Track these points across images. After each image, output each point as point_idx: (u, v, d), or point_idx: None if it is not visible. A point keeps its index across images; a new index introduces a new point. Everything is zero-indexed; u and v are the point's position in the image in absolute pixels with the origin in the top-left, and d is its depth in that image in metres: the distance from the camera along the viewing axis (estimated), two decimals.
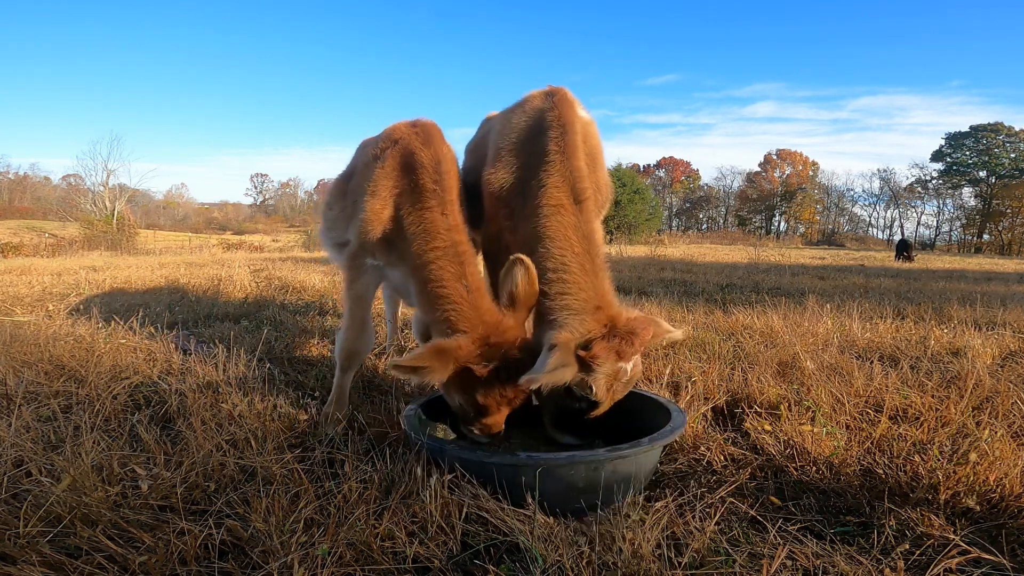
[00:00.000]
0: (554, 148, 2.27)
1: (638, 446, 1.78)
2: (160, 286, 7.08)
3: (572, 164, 2.24)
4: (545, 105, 2.43)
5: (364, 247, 2.43)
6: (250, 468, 1.92)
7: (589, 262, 2.15)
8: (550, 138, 2.30)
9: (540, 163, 2.29)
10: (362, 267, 2.50)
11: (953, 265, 17.64)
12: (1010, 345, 3.89)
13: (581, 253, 2.15)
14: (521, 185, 2.36)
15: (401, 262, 2.36)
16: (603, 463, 1.73)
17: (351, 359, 2.54)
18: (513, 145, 2.43)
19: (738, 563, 1.46)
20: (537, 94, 2.56)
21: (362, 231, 2.38)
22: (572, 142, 2.29)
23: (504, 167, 2.41)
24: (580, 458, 1.73)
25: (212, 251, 21.05)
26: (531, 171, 2.33)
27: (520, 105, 2.56)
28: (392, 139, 2.46)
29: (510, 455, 1.79)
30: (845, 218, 73.73)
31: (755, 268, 11.55)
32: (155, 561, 1.46)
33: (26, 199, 71.03)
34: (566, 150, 2.27)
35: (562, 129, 2.31)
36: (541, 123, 2.38)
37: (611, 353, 1.97)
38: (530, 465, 1.71)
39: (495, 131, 2.60)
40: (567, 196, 2.21)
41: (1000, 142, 60.88)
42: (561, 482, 1.73)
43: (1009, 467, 1.84)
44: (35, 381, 2.69)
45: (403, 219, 2.30)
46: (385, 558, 1.49)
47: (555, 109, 2.37)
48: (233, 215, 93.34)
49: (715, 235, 58.21)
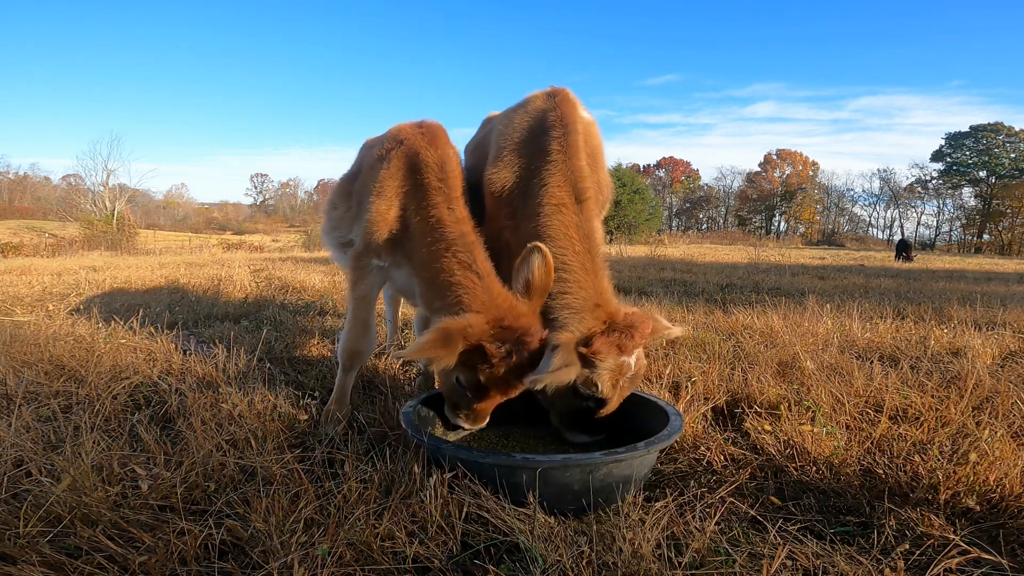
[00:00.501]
0: (556, 147, 2.29)
1: (634, 450, 1.76)
2: (160, 286, 7.08)
3: (574, 163, 2.26)
4: (547, 105, 2.44)
5: (369, 247, 2.43)
6: (250, 468, 1.92)
7: (589, 261, 2.16)
8: (552, 137, 2.31)
9: (542, 162, 2.30)
10: (367, 268, 2.50)
11: (953, 265, 17.64)
12: (1010, 345, 3.89)
13: (582, 252, 2.16)
14: (523, 184, 2.37)
15: (406, 261, 2.37)
16: (598, 466, 1.72)
17: (353, 359, 2.54)
18: (515, 145, 2.44)
19: (738, 563, 1.46)
20: (539, 94, 2.57)
21: (367, 231, 2.38)
22: (574, 142, 2.30)
23: (506, 166, 2.43)
24: (574, 461, 1.71)
25: (212, 251, 21.05)
26: (533, 170, 2.34)
27: (522, 105, 2.58)
28: (397, 140, 2.47)
29: (506, 456, 1.79)
30: (845, 218, 73.77)
31: (755, 268, 11.55)
32: (155, 561, 1.46)
33: (26, 199, 71.05)
34: (568, 149, 2.28)
35: (564, 129, 2.32)
36: (543, 123, 2.39)
37: (612, 347, 1.98)
38: (525, 467, 1.71)
39: (496, 131, 2.61)
40: (569, 195, 2.22)
41: (1000, 142, 60.87)
42: (556, 484, 1.72)
43: (1009, 467, 1.84)
44: (35, 381, 2.69)
45: (409, 218, 2.31)
46: (385, 558, 1.49)
47: (557, 109, 2.39)
48: (233, 215, 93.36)
49: (715, 235, 58.21)
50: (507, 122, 2.55)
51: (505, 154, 2.44)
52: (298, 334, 4.11)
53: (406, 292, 2.50)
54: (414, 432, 1.93)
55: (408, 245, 2.33)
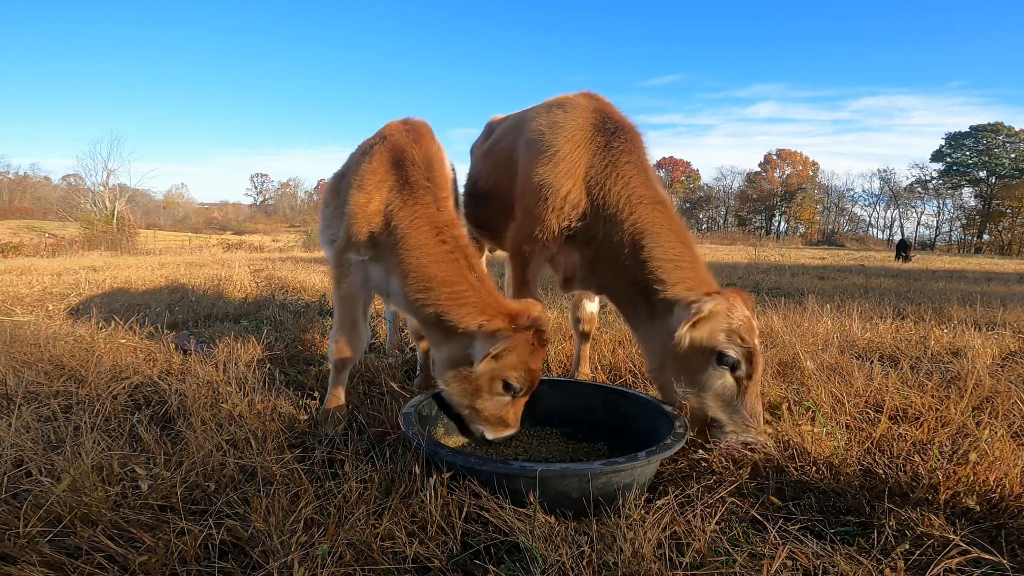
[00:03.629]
0: (626, 148, 2.39)
1: (635, 459, 1.72)
2: (160, 286, 7.08)
3: (646, 164, 2.39)
4: (596, 106, 2.56)
5: (350, 242, 2.40)
6: (250, 468, 1.92)
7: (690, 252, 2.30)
8: (620, 139, 2.41)
9: (615, 161, 2.38)
10: (348, 264, 2.45)
11: (953, 265, 17.64)
12: (1010, 345, 3.89)
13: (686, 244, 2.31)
14: (587, 187, 2.43)
15: (385, 258, 2.34)
16: (596, 476, 1.68)
17: (343, 360, 2.50)
18: (575, 144, 2.48)
19: (738, 563, 1.46)
20: (578, 97, 2.66)
21: (347, 224, 2.37)
22: (640, 144, 2.43)
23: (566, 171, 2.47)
24: (572, 471, 1.68)
25: (212, 251, 21.04)
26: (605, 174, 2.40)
27: (562, 108, 2.62)
28: (381, 135, 2.49)
29: (502, 463, 1.73)
30: (845, 218, 73.76)
31: (755, 268, 11.55)
32: (155, 561, 1.46)
33: (26, 199, 71.03)
34: (638, 151, 2.40)
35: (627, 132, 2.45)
36: (605, 123, 2.48)
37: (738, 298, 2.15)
38: (522, 475, 1.67)
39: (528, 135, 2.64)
40: (652, 194, 2.33)
41: (1000, 142, 60.88)
42: (553, 492, 1.69)
43: (1009, 467, 1.84)
44: (35, 381, 2.69)
45: (392, 214, 2.28)
46: (385, 558, 1.49)
47: (609, 112, 2.53)
48: (233, 215, 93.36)
49: (715, 235, 58.23)
50: (546, 124, 2.59)
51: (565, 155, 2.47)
52: (298, 334, 4.11)
53: (381, 290, 2.46)
54: (414, 435, 1.90)
55: (388, 241, 2.28)
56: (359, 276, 2.48)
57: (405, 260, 2.20)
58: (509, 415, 2.14)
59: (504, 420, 2.14)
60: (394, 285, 2.30)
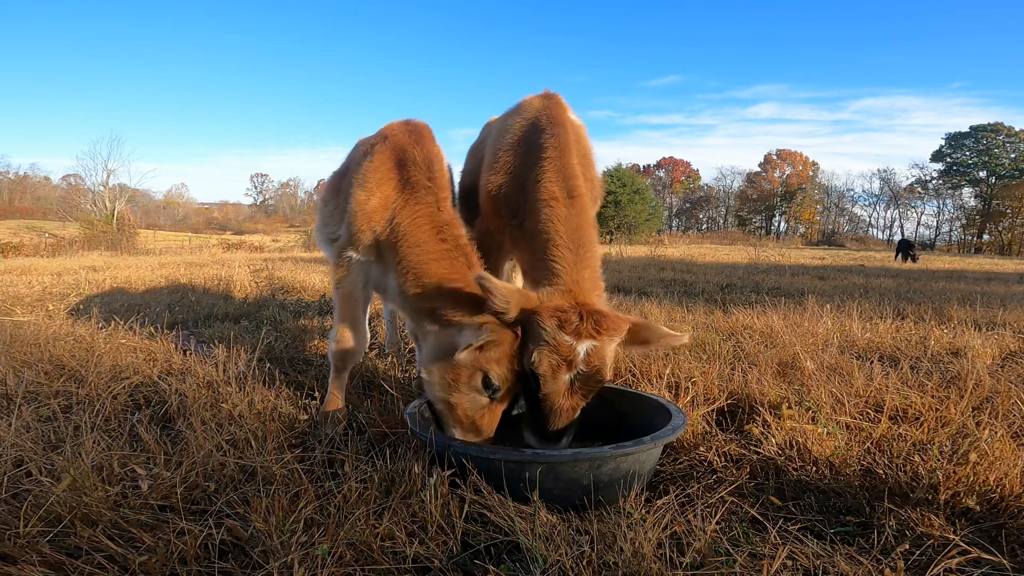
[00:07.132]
0: (549, 145, 2.39)
1: (641, 443, 1.80)
2: (160, 286, 7.08)
3: (566, 160, 2.35)
4: (540, 106, 2.58)
5: (350, 240, 2.41)
6: (250, 468, 1.92)
7: (572, 253, 2.16)
8: (545, 136, 2.42)
9: (537, 160, 2.39)
10: (348, 262, 2.47)
11: (953, 265, 17.65)
12: (1010, 345, 3.89)
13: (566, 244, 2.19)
14: (519, 183, 2.45)
15: (385, 257, 2.36)
16: (606, 460, 1.75)
17: (345, 360, 2.50)
18: (510, 146, 2.55)
19: (739, 563, 1.46)
20: (533, 98, 2.71)
21: (348, 223, 2.38)
22: (565, 140, 2.41)
23: (502, 167, 2.52)
24: (584, 455, 1.74)
25: (212, 251, 21.03)
26: (528, 168, 2.42)
27: (516, 109, 2.70)
28: (383, 135, 2.50)
29: (515, 451, 1.80)
30: (845, 218, 73.72)
31: (755, 268, 11.55)
32: (155, 561, 1.46)
33: (26, 199, 71.02)
34: (560, 147, 2.39)
35: (555, 128, 2.44)
36: (537, 124, 2.51)
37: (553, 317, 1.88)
38: (535, 462, 1.73)
39: (493, 134, 2.72)
40: (561, 190, 2.30)
41: (1000, 142, 60.86)
42: (564, 479, 1.75)
43: (1009, 467, 1.84)
44: (35, 381, 2.69)
45: (394, 214, 2.30)
46: (385, 558, 1.49)
47: (549, 111, 2.53)
48: (233, 215, 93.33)
49: (715, 235, 58.18)
50: (502, 125, 2.66)
51: (501, 155, 2.54)
52: (298, 334, 4.11)
53: (380, 288, 2.47)
54: (420, 431, 1.94)
55: (389, 239, 2.29)
56: (359, 275, 2.49)
57: (405, 257, 2.21)
58: (484, 421, 2.03)
59: (477, 425, 2.03)
60: (392, 282, 2.30)
